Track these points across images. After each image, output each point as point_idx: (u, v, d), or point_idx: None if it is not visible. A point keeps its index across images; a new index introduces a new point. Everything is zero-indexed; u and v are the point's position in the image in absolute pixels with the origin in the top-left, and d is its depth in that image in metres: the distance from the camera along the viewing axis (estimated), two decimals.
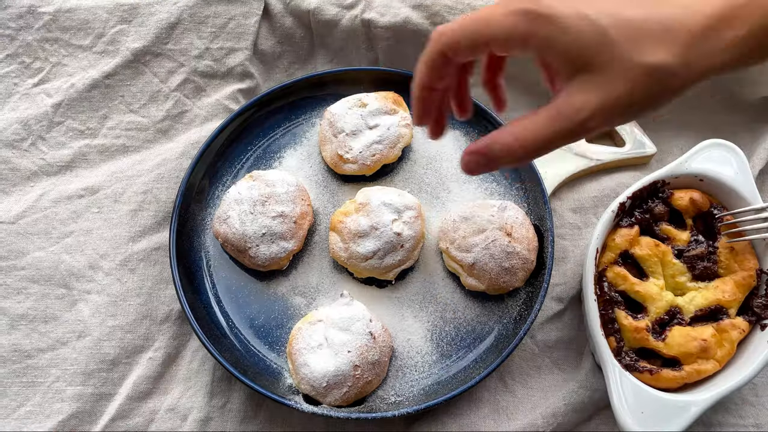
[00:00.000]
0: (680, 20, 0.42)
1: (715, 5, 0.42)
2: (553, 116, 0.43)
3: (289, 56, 0.85)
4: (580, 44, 0.42)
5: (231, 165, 0.78)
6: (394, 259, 0.69)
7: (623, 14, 0.42)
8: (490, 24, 0.43)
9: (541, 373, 0.72)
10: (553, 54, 0.43)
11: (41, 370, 0.70)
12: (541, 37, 0.42)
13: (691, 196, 0.71)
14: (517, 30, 0.42)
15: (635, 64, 0.41)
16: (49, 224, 0.76)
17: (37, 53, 0.83)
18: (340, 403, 0.65)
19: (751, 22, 0.42)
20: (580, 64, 0.42)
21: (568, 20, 0.42)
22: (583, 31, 0.42)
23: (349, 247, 0.69)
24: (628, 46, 0.41)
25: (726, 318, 0.67)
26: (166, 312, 0.73)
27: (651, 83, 0.42)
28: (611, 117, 0.43)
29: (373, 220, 0.69)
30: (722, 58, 0.42)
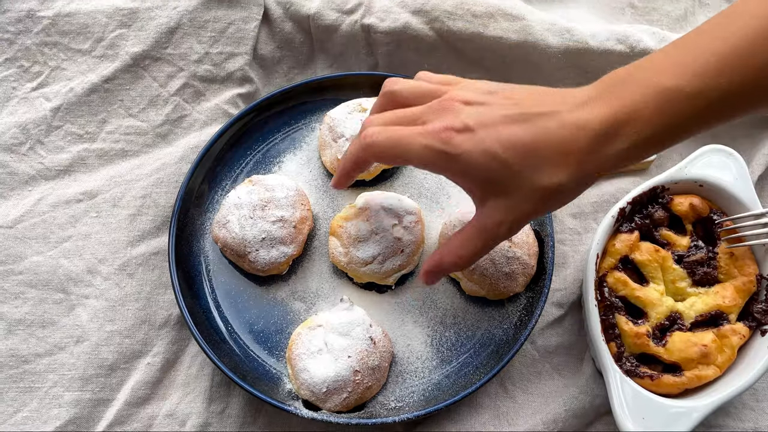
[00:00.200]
0: (571, 142, 0.48)
1: (602, 121, 0.48)
2: (479, 234, 0.53)
3: (288, 61, 0.85)
4: (487, 176, 0.50)
5: (230, 169, 0.77)
6: (393, 264, 0.69)
7: (520, 141, 0.49)
8: (410, 151, 0.51)
9: (541, 378, 0.72)
10: (465, 183, 0.53)
11: (39, 376, 0.70)
12: (454, 171, 0.52)
13: (691, 202, 0.71)
14: (434, 164, 0.52)
15: (536, 187, 0.50)
16: (48, 229, 0.75)
17: (36, 57, 0.82)
18: (340, 408, 0.64)
19: (634, 134, 0.48)
20: (489, 190, 0.52)
21: (475, 158, 0.49)
22: (489, 167, 0.50)
23: (349, 251, 0.69)
24: (529, 173, 0.49)
25: (726, 323, 0.67)
26: (164, 317, 0.73)
27: (551, 199, 0.51)
28: (522, 225, 0.53)
29: (373, 224, 0.68)
30: (610, 165, 0.49)
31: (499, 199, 0.51)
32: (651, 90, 0.48)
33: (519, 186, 0.50)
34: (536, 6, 0.85)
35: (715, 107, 0.47)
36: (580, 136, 0.48)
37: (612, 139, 0.48)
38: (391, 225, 0.68)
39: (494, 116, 0.50)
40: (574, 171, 0.49)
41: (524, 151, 0.49)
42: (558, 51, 0.79)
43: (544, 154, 0.49)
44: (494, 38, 0.80)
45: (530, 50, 0.80)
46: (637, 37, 0.80)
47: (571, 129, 0.49)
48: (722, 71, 0.46)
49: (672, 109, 0.47)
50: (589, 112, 0.49)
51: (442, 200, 0.76)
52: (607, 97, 0.49)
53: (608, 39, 0.80)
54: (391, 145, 0.53)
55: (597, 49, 0.79)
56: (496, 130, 0.50)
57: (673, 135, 0.49)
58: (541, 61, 0.81)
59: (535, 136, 0.49)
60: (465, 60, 0.83)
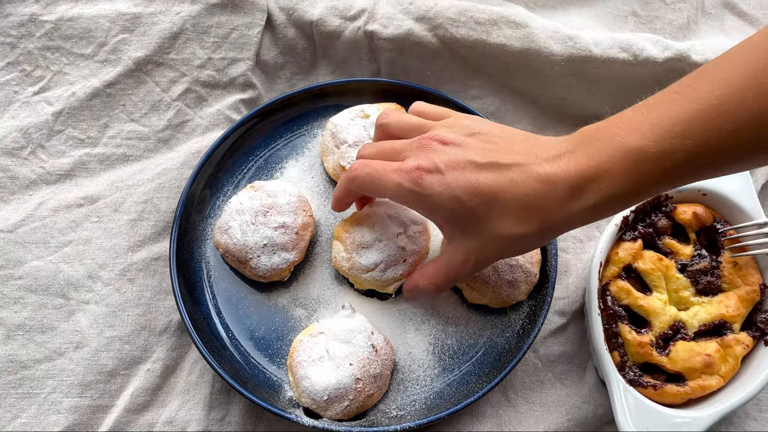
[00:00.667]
0: (537, 196, 0.50)
1: (570, 178, 0.49)
2: (446, 269, 0.57)
3: (291, 67, 0.85)
4: (454, 216, 0.53)
5: (232, 175, 0.77)
6: (395, 273, 0.68)
7: (486, 189, 0.51)
8: (385, 188, 0.56)
9: (543, 387, 0.72)
10: (434, 219, 0.57)
11: (37, 381, 0.69)
12: (423, 208, 0.56)
13: (695, 211, 0.71)
14: (405, 200, 0.56)
15: (500, 235, 0.52)
16: (48, 233, 0.75)
17: (38, 61, 0.82)
18: (341, 416, 0.64)
19: (601, 192, 0.49)
20: (456, 229, 0.55)
21: (442, 201, 0.53)
22: (454, 209, 0.53)
23: (351, 257, 0.69)
24: (492, 221, 0.52)
25: (730, 333, 0.67)
26: (165, 323, 0.72)
27: (515, 246, 0.54)
28: (485, 265, 0.56)
29: (377, 232, 0.68)
30: (575, 221, 0.51)
31: (464, 238, 0.54)
32: (617, 149, 0.48)
33: (482, 231, 0.53)
34: (539, 13, 0.85)
35: (681, 168, 0.47)
36: (547, 191, 0.50)
37: (578, 196, 0.49)
38: (396, 234, 0.68)
39: (465, 160, 0.52)
40: (538, 224, 0.51)
41: (489, 200, 0.51)
42: (561, 59, 0.79)
43: (509, 205, 0.51)
44: (497, 45, 0.80)
45: (533, 57, 0.80)
46: (641, 46, 0.79)
47: (538, 183, 0.50)
48: (687, 133, 0.46)
49: (637, 169, 0.47)
50: (557, 167, 0.50)
51: None
52: (577, 153, 0.50)
53: (612, 47, 0.79)
54: (369, 180, 0.57)
55: (600, 57, 0.79)
56: (464, 175, 0.52)
57: (639, 194, 0.49)
58: (544, 68, 0.80)
59: (500, 186, 0.51)
60: (468, 67, 0.83)
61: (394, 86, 0.79)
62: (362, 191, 0.60)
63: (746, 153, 0.47)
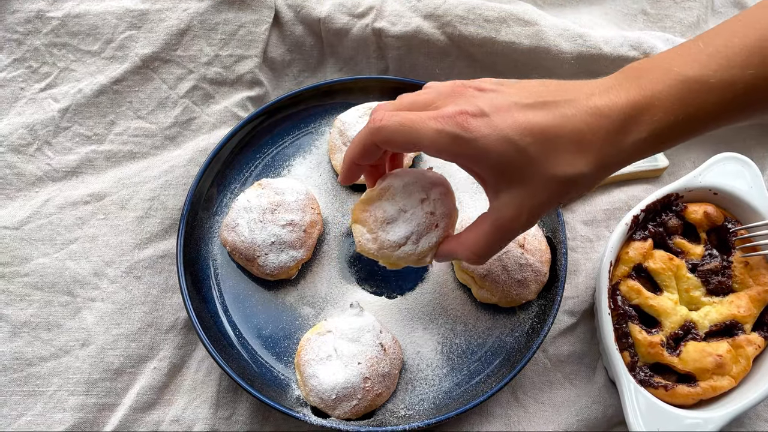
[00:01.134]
0: (589, 130, 0.47)
1: (622, 108, 0.47)
2: (495, 229, 0.51)
3: (298, 64, 0.85)
4: (503, 163, 0.48)
5: (239, 173, 0.77)
6: (430, 242, 0.60)
7: (538, 127, 0.47)
8: (423, 137, 0.49)
9: (553, 387, 0.71)
10: (481, 170, 0.50)
11: (43, 379, 0.69)
12: (468, 157, 0.49)
13: (705, 210, 0.70)
14: (447, 149, 0.49)
15: (553, 176, 0.47)
16: (54, 230, 0.75)
17: (44, 58, 0.82)
18: (349, 416, 0.63)
19: (654, 123, 0.47)
20: (506, 179, 0.49)
21: (491, 144, 0.47)
22: (505, 152, 0.47)
23: (378, 236, 0.61)
24: (546, 162, 0.47)
25: (741, 333, 0.67)
26: (171, 321, 0.72)
27: (568, 189, 0.49)
28: (538, 217, 0.51)
29: (399, 203, 0.60)
30: (627, 156, 0.48)
31: (514, 189, 0.49)
32: (673, 79, 0.46)
33: (535, 174, 0.48)
34: (548, 11, 0.85)
35: (740, 101, 0.46)
36: (599, 124, 0.47)
37: (631, 128, 0.47)
38: (420, 200, 0.60)
39: (509, 102, 0.48)
40: (592, 161, 0.47)
41: (542, 138, 0.47)
42: (571, 56, 0.79)
43: (562, 141, 0.47)
44: (506, 43, 0.79)
45: (543, 55, 0.79)
46: (651, 44, 0.79)
47: (589, 116, 0.47)
48: (749, 62, 0.45)
49: (695, 99, 0.46)
50: (608, 99, 0.47)
51: None
52: (626, 85, 0.48)
53: (622, 45, 0.79)
54: (402, 129, 0.50)
55: (610, 55, 0.79)
56: (511, 115, 0.47)
57: (692, 127, 0.48)
58: (553, 66, 0.80)
59: (552, 122, 0.47)
60: (477, 65, 0.82)
61: (402, 84, 0.79)
62: (389, 145, 0.52)
63: None
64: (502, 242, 0.52)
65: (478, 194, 0.76)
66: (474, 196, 0.76)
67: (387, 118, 0.51)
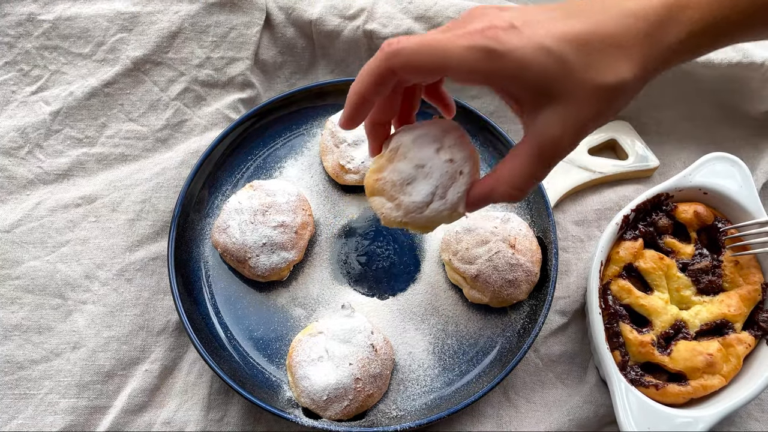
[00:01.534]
0: (626, 32, 0.43)
1: (656, 8, 0.44)
2: (536, 154, 0.45)
3: (290, 66, 0.85)
4: (543, 77, 0.43)
5: (231, 174, 0.77)
6: (458, 191, 0.53)
7: (574, 33, 0.43)
8: (450, 56, 0.43)
9: (544, 387, 0.71)
10: (517, 88, 0.44)
11: (34, 382, 0.69)
12: (504, 76, 0.43)
13: (696, 209, 0.70)
14: (479, 66, 0.43)
15: (598, 86, 0.43)
16: (45, 233, 0.75)
17: (36, 61, 0.82)
18: (341, 416, 0.63)
19: (690, 22, 0.44)
20: (545, 95, 0.44)
21: (528, 55, 0.42)
22: (542, 64, 0.42)
23: (401, 201, 0.53)
24: (589, 70, 0.43)
25: (732, 332, 0.67)
26: (163, 323, 0.72)
27: (614, 99, 0.44)
28: (584, 135, 0.45)
29: (413, 159, 0.53)
30: (669, 58, 0.45)
31: (555, 105, 0.44)
32: None
33: (578, 85, 0.43)
34: None
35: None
36: (637, 26, 0.43)
37: (669, 29, 0.44)
38: (435, 150, 0.53)
39: (538, 15, 0.44)
40: (636, 65, 0.44)
41: (579, 44, 0.43)
42: None
43: (601, 46, 0.43)
44: None
45: None
46: None
47: (624, 18, 0.43)
48: None
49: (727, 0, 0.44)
50: (641, 1, 0.44)
51: None
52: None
53: None
54: (424, 50, 0.43)
55: None
56: (544, 26, 0.43)
57: (728, 30, 0.45)
58: None
59: (588, 28, 0.43)
60: None
61: None
62: (408, 70, 0.45)
63: None
64: (546, 169, 0.46)
65: None
66: None
67: (405, 40, 0.44)
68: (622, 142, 0.81)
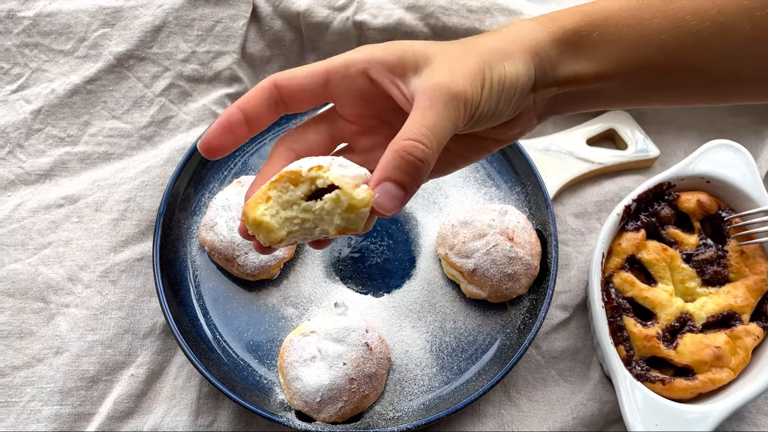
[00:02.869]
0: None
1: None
2: (435, 101, 0.41)
3: (278, 60, 0.83)
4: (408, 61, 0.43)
5: (218, 171, 0.74)
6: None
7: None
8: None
9: (547, 385, 0.69)
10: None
11: (15, 389, 0.66)
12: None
13: (699, 198, 0.68)
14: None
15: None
16: (27, 235, 0.72)
17: (16, 59, 0.80)
18: (335, 419, 0.61)
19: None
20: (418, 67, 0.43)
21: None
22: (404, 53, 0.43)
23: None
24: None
25: (739, 324, 0.65)
26: (149, 326, 0.69)
27: (473, 42, 0.45)
28: (467, 75, 0.42)
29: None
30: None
31: (429, 65, 0.43)
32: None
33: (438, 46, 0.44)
34: (533, 0, 0.83)
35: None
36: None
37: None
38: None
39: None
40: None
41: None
42: None
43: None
44: None
45: None
46: None
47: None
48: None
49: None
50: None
51: (440, 200, 0.73)
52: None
53: None
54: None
55: None
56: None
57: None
58: None
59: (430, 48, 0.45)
60: None
61: None
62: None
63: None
64: (450, 114, 0.41)
65: (465, 188, 0.74)
66: (461, 190, 0.74)
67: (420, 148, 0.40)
68: (621, 132, 0.79)
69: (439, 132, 0.40)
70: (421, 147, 0.39)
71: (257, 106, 0.44)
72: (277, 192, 0.42)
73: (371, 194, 0.39)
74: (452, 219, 0.69)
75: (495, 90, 0.42)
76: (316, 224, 0.41)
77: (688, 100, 0.48)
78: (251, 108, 0.44)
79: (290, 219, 0.41)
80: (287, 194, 0.42)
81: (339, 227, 0.40)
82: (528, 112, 0.47)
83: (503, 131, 0.48)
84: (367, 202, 0.39)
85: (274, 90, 0.44)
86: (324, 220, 0.41)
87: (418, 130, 0.39)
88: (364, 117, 0.47)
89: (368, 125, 0.48)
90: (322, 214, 0.41)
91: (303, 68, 0.45)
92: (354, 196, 0.39)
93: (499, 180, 0.75)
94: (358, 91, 0.45)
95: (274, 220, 0.41)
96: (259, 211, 0.42)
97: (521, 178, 0.74)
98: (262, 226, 0.41)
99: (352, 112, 0.47)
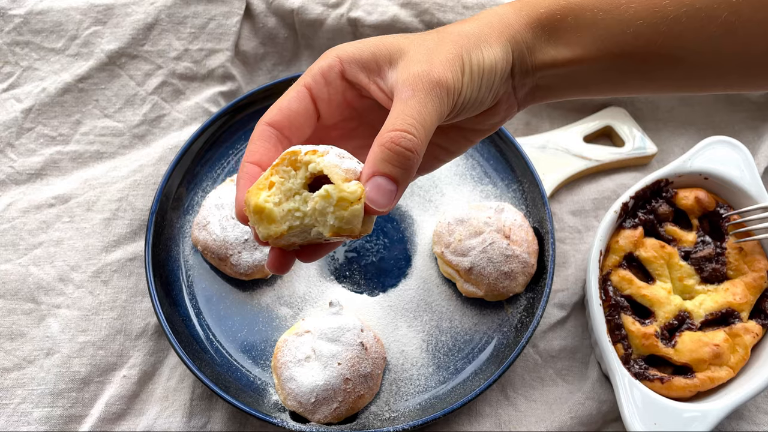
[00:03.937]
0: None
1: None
2: (417, 91, 0.40)
3: (272, 57, 0.82)
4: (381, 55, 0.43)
5: (211, 170, 0.74)
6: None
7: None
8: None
9: (544, 384, 0.68)
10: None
11: (6, 391, 0.65)
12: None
13: (697, 195, 0.68)
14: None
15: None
16: (17, 235, 0.71)
17: (6, 57, 0.79)
18: (330, 420, 0.60)
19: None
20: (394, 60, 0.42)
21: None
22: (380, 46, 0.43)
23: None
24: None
25: (738, 322, 0.64)
26: (141, 326, 0.68)
27: (446, 32, 0.45)
28: (445, 62, 0.42)
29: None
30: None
31: (404, 57, 0.42)
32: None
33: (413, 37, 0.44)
34: None
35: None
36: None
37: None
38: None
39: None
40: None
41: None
42: None
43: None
44: None
45: None
46: None
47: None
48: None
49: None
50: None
51: (436, 198, 0.73)
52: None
53: None
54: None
55: None
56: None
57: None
58: None
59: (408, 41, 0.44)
60: None
61: None
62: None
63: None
64: (432, 101, 0.40)
65: (461, 186, 0.73)
66: (457, 188, 0.73)
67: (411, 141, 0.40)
68: (619, 129, 0.79)
69: (425, 120, 0.39)
70: (409, 137, 0.38)
71: (266, 155, 0.43)
72: (279, 177, 0.41)
73: (362, 188, 0.38)
74: (448, 217, 0.68)
75: (476, 75, 0.42)
76: (312, 224, 0.40)
77: (670, 87, 0.47)
78: (261, 158, 0.43)
79: (292, 211, 0.40)
80: (289, 181, 0.41)
81: (334, 228, 0.39)
82: (508, 99, 0.47)
83: (484, 120, 0.48)
84: (358, 195, 0.38)
85: (271, 131, 0.43)
86: (318, 222, 0.40)
87: (403, 120, 0.39)
88: (345, 120, 0.47)
89: (349, 128, 0.48)
90: (315, 215, 0.40)
91: (285, 97, 0.43)
92: (343, 188, 0.38)
93: (496, 177, 0.74)
94: (339, 95, 0.44)
95: (276, 210, 0.40)
96: (261, 197, 0.41)
97: (518, 175, 0.73)
98: (264, 213, 0.40)
99: (335, 119, 0.46)
